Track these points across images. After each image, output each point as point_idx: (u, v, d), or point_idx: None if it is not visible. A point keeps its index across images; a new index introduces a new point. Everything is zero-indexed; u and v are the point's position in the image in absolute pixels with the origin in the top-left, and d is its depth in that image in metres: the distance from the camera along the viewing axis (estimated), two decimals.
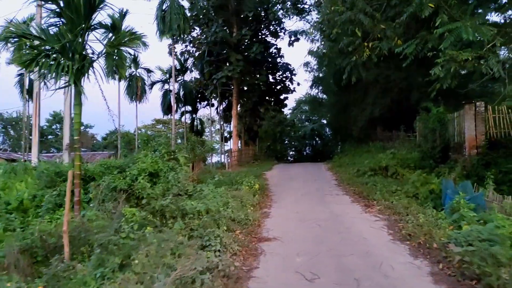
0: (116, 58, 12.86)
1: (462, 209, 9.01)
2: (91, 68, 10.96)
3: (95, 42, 10.74)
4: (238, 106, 41.43)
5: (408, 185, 13.36)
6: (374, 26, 13.55)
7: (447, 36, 10.46)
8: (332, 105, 40.33)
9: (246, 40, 31.22)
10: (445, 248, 7.03)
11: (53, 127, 69.36)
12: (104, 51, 11.78)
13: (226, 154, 29.33)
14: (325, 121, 59.21)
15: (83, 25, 9.62)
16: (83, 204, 10.37)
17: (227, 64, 29.91)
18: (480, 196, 10.51)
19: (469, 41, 10.29)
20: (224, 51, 30.35)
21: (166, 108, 36.42)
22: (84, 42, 10.00)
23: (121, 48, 12.33)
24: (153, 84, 36.83)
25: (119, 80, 29.11)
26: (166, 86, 37.84)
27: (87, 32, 9.96)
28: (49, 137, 68.31)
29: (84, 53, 12.06)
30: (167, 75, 36.95)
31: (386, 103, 29.01)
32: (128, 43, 11.95)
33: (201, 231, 7.01)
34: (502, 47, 12.03)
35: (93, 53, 12.28)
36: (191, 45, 30.98)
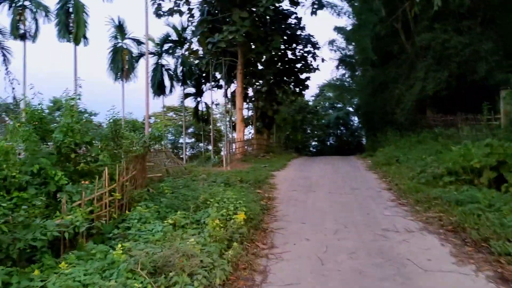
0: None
1: None
2: None
3: None
4: (250, 87, 34.26)
5: None
6: None
7: None
8: (365, 85, 32.43)
9: None
10: None
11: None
12: None
13: (228, 145, 22.01)
14: (351, 109, 52.25)
15: None
16: None
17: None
18: None
19: None
20: (225, 10, 22.80)
21: (157, 88, 29.40)
22: None
23: None
24: (140, 56, 29.80)
25: (76, 41, 22.11)
26: (159, 60, 30.73)
27: None
28: None
29: None
30: (159, 47, 29.87)
31: (442, 78, 21.39)
32: None
33: None
34: None
35: None
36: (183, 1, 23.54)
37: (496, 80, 19.78)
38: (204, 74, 33.34)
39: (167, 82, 31.88)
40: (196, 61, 31.51)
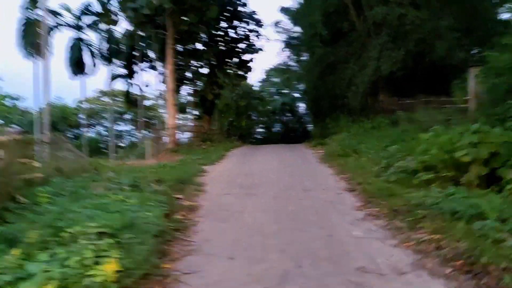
0: None
1: None
2: None
3: None
4: (187, 68, 30.90)
5: None
6: None
7: None
8: (313, 66, 29.93)
9: None
10: None
11: None
12: None
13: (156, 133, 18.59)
14: (297, 94, 50.42)
15: None
16: None
17: None
18: None
19: None
20: None
21: (74, 65, 25.26)
22: None
23: None
24: (53, 28, 25.39)
25: None
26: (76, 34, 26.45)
27: None
28: None
29: None
30: (78, 19, 25.66)
31: (398, 57, 19.35)
32: None
33: None
34: None
35: None
36: None
37: (456, 60, 18.10)
38: (134, 53, 29.52)
39: (88, 60, 27.69)
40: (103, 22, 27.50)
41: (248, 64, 32.88)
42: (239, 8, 30.69)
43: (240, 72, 33.54)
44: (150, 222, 5.49)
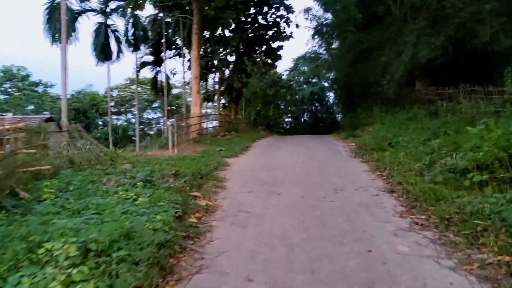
0: None
1: None
2: None
3: None
4: (215, 56, 30.09)
5: None
6: None
7: None
8: (344, 53, 28.45)
9: None
10: None
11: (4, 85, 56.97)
12: None
13: (178, 122, 17.91)
14: (326, 84, 48.81)
15: None
16: None
17: None
18: None
19: None
20: None
21: (100, 52, 24.82)
22: None
23: None
24: (79, 13, 24.93)
25: None
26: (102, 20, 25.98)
27: None
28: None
29: None
30: (104, 4, 25.15)
31: (438, 43, 17.81)
32: None
33: None
34: None
35: None
36: None
37: (502, 46, 16.49)
38: (162, 40, 28.96)
39: (113, 46, 27.26)
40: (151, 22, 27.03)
41: (277, 52, 31.79)
42: None
43: (268, 60, 32.52)
44: (156, 228, 4.71)
